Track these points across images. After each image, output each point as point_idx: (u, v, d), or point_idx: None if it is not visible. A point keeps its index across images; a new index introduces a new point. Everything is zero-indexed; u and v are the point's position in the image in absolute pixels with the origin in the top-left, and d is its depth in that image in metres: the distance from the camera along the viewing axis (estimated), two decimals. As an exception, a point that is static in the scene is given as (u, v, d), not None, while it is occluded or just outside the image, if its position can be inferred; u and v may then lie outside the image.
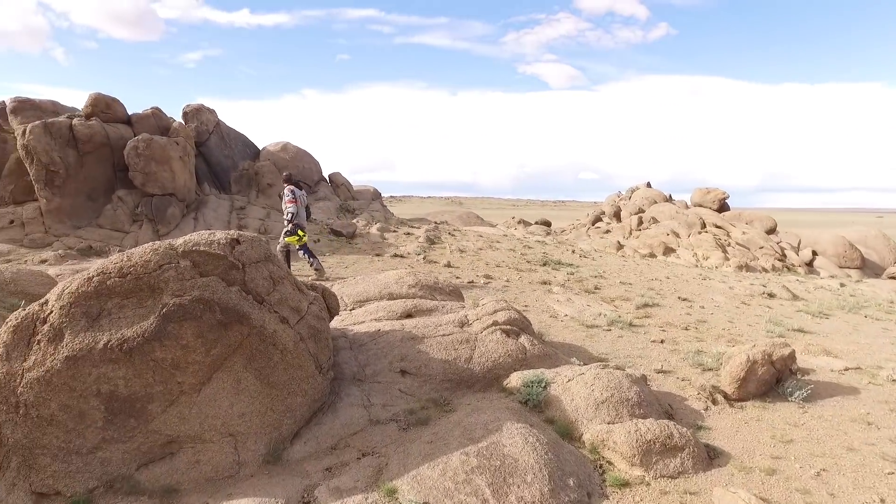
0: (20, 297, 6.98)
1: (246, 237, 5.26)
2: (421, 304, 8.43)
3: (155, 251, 4.59)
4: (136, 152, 17.51)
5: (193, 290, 4.56)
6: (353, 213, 28.25)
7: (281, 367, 5.09)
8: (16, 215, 16.11)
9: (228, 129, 28.33)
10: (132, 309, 4.41)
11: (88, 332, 4.27)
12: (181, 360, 4.49)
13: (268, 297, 5.16)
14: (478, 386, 6.70)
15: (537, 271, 18.30)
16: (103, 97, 18.47)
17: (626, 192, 47.52)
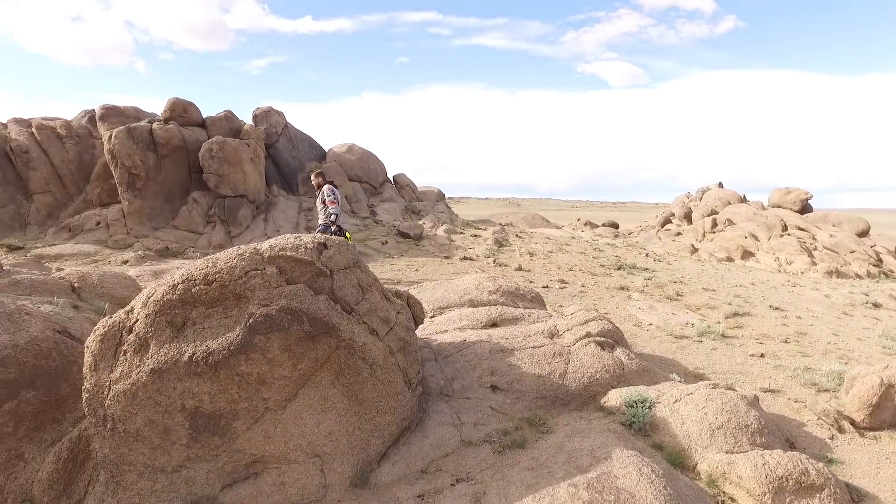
0: (106, 300, 6.92)
1: (333, 241, 4.92)
2: (506, 312, 7.94)
3: (240, 257, 4.29)
4: (210, 154, 17.77)
5: (280, 298, 4.24)
6: (418, 214, 28.07)
7: (370, 382, 4.71)
8: (102, 217, 16.62)
9: (296, 131, 28.69)
10: (217, 319, 4.12)
11: (173, 342, 4.00)
12: (267, 375, 4.17)
13: (357, 307, 4.80)
14: (573, 404, 6.16)
15: (612, 276, 17.52)
16: (181, 101, 18.89)
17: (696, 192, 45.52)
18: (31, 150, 17.51)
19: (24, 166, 17.49)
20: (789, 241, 27.12)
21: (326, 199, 11.26)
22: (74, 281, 6.93)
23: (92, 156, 18.58)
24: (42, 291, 6.63)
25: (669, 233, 38.23)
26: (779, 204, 34.15)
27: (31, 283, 6.58)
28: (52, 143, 18.17)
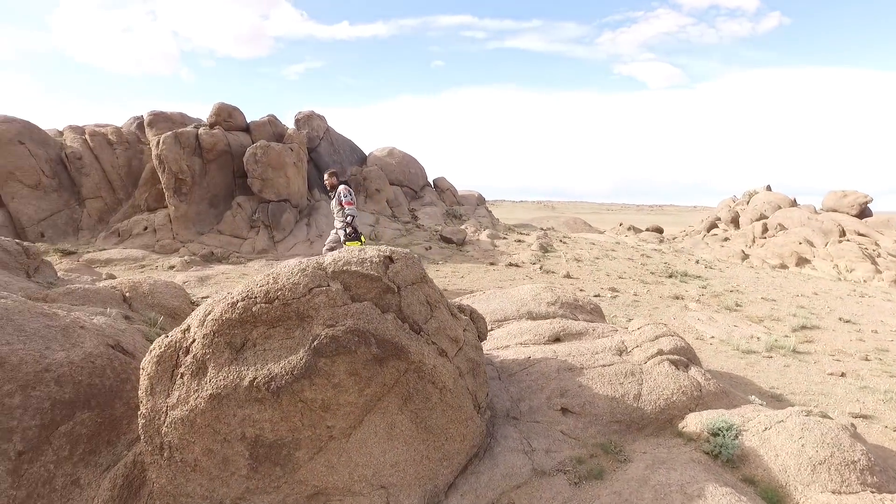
0: (156, 311, 6.75)
1: (399, 254, 4.58)
2: (569, 326, 7.50)
3: (303, 272, 3.98)
4: (255, 159, 17.76)
5: (346, 318, 3.91)
6: (459, 218, 27.72)
7: (439, 408, 4.35)
8: (149, 222, 16.75)
9: (337, 135, 28.67)
10: (279, 340, 3.82)
11: (232, 365, 3.71)
12: (332, 402, 3.85)
13: (425, 326, 4.45)
14: (649, 429, 5.69)
15: (665, 284, 16.85)
16: (226, 106, 18.96)
17: (743, 196, 43.98)
18: (84, 157, 17.79)
19: (77, 172, 17.76)
20: (849, 248, 25.86)
21: (343, 199, 10.61)
22: (126, 290, 6.78)
23: (140, 161, 18.79)
24: (95, 301, 6.48)
25: (716, 238, 37.02)
26: (834, 208, 32.70)
27: (85, 292, 6.43)
28: (104, 149, 18.43)
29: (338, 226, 11.14)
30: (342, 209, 10.82)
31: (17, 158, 16.78)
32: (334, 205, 10.77)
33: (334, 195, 11.02)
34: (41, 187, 16.89)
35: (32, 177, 16.90)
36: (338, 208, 10.84)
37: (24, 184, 16.81)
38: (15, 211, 16.59)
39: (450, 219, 27.33)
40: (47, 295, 6.22)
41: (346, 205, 10.50)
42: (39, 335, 4.30)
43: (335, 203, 10.82)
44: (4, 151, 16.68)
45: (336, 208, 10.84)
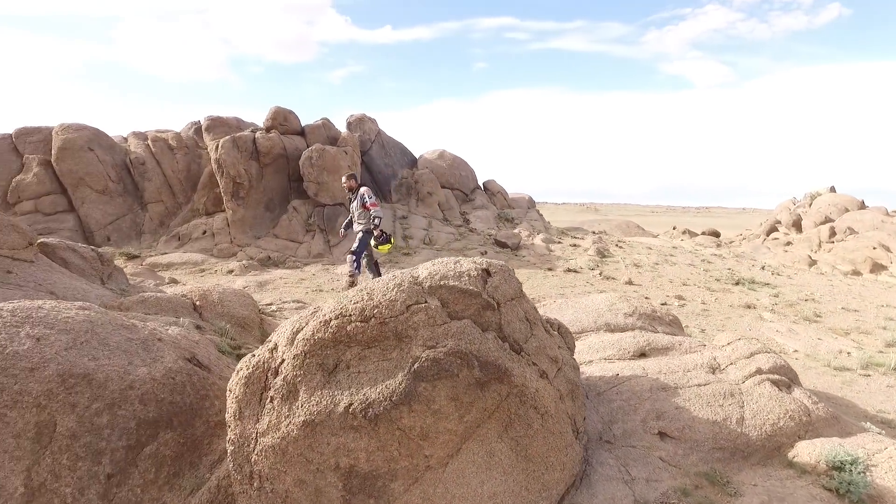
0: (226, 320, 6.58)
1: (496, 266, 4.23)
2: (654, 340, 7.02)
3: (399, 288, 3.67)
4: (310, 162, 17.74)
5: (447, 338, 3.58)
6: (511, 222, 27.28)
7: (540, 435, 3.98)
8: (208, 226, 16.91)
9: (388, 138, 28.59)
10: (374, 362, 3.51)
11: (325, 389, 3.42)
12: (431, 429, 3.52)
13: (525, 346, 4.09)
14: (755, 457, 5.18)
15: (732, 292, 16.03)
16: (282, 110, 19.03)
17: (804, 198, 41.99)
18: (147, 162, 18.12)
19: (140, 177, 18.10)
20: (929, 254, 24.27)
21: (368, 200, 10.08)
22: (196, 299, 6.63)
23: (199, 166, 19.03)
24: (167, 310, 6.35)
25: (778, 242, 35.43)
26: (909, 210, 30.85)
27: (157, 301, 6.31)
28: (165, 154, 18.74)
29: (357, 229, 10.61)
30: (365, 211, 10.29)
31: (87, 164, 17.20)
32: (356, 206, 10.32)
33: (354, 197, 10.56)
34: (108, 192, 17.27)
35: (100, 182, 17.29)
36: (360, 210, 10.34)
37: (93, 189, 17.21)
38: (84, 215, 17.01)
39: (502, 222, 26.90)
40: (122, 303, 6.12)
41: (371, 206, 10.01)
42: (122, 349, 4.12)
43: (357, 205, 10.34)
44: (76, 158, 17.11)
45: (358, 210, 10.35)
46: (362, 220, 10.11)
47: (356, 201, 10.22)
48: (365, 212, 10.08)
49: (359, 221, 10.09)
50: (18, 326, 3.65)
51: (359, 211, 10.14)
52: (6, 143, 17.56)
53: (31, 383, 3.30)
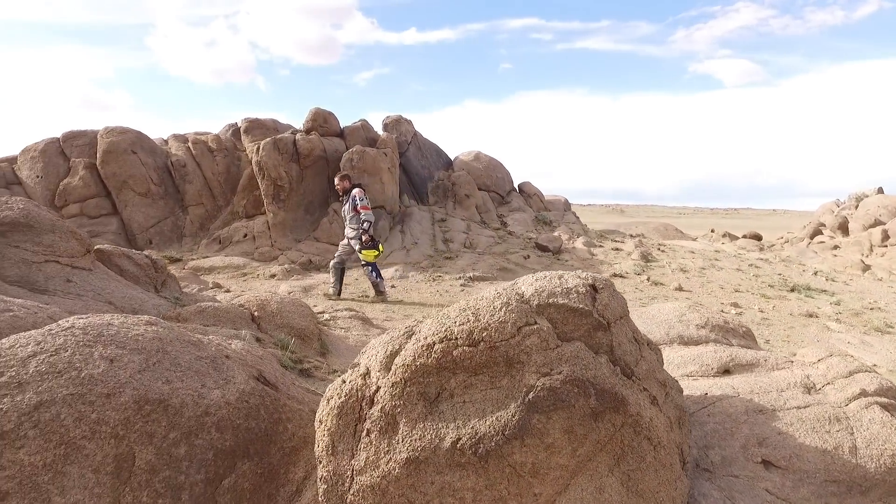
0: (285, 331, 6.27)
1: (601, 281, 3.81)
2: (737, 355, 6.51)
3: (507, 307, 3.28)
4: (351, 164, 17.49)
5: (561, 364, 3.18)
6: (549, 225, 26.73)
7: (652, 468, 3.54)
8: (248, 229, 16.77)
9: (424, 140, 28.29)
10: (481, 390, 3.13)
11: (428, 422, 3.05)
12: (542, 465, 3.12)
13: (636, 369, 3.66)
14: (875, 493, 4.64)
15: (789, 299, 15.30)
16: (321, 111, 18.84)
17: (849, 199, 40.45)
18: (188, 164, 18.07)
19: (181, 179, 18.06)
20: None
21: (359, 203, 9.31)
22: (254, 309, 6.34)
23: (238, 168, 18.94)
24: (225, 321, 6.06)
25: (824, 246, 34.16)
26: (967, 213, 29.46)
27: (215, 311, 6.02)
28: (205, 156, 18.69)
29: (350, 234, 9.79)
30: (356, 215, 9.56)
31: (130, 167, 17.22)
32: (347, 210, 9.62)
33: (346, 199, 9.84)
34: (150, 195, 17.26)
35: (143, 185, 17.29)
36: (351, 214, 9.63)
37: (136, 192, 17.22)
38: (127, 218, 17.02)
39: (540, 225, 26.37)
40: (179, 314, 5.85)
41: (361, 209, 9.29)
42: (193, 369, 3.80)
43: (348, 208, 9.64)
44: (120, 161, 17.14)
45: (349, 214, 9.65)
46: (353, 225, 9.39)
47: (348, 203, 9.50)
48: (356, 215, 9.36)
49: (350, 226, 9.40)
50: (91, 346, 3.35)
51: (350, 214, 9.44)
52: (54, 146, 17.68)
53: (108, 411, 2.98)
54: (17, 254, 5.57)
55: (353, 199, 9.31)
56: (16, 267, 5.50)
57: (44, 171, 17.08)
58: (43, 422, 2.78)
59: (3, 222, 5.65)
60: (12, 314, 4.43)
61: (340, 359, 6.56)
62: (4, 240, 5.62)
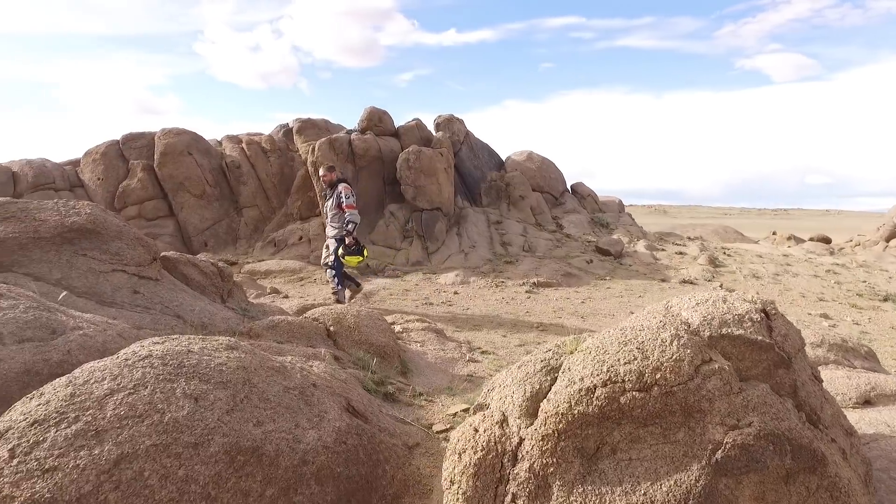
0: (363, 348, 5.73)
1: (770, 304, 3.11)
2: (877, 383, 5.67)
3: (678, 341, 2.62)
4: (408, 165, 17.01)
5: (748, 413, 2.52)
6: (606, 227, 25.76)
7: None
8: (304, 231, 16.46)
9: (476, 140, 27.66)
10: (651, 445, 2.48)
11: (587, 485, 2.43)
12: (725, 541, 2.44)
13: (821, 415, 2.95)
14: None
15: (884, 310, 14.06)
16: (376, 111, 18.42)
17: (924, 200, 37.86)
18: (242, 166, 17.90)
19: (236, 181, 17.91)
20: None
21: (344, 201, 8.31)
22: (329, 324, 5.82)
23: (291, 169, 18.69)
24: (299, 337, 5.56)
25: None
26: None
27: (289, 326, 5.52)
28: (259, 157, 18.50)
29: (331, 234, 8.67)
30: (340, 213, 8.49)
31: (186, 169, 17.14)
32: (330, 207, 8.62)
33: (331, 195, 8.77)
34: (205, 197, 17.14)
35: (198, 187, 17.19)
36: (334, 212, 8.63)
37: (192, 193, 17.13)
38: (183, 221, 16.94)
39: (597, 227, 25.41)
40: (252, 329, 5.38)
41: (346, 208, 8.23)
42: (283, 405, 3.27)
43: (332, 205, 8.63)
44: (177, 162, 17.09)
45: (332, 212, 8.65)
46: (335, 224, 8.44)
47: (332, 199, 8.56)
48: (340, 213, 8.41)
49: (332, 224, 8.45)
50: (172, 381, 2.84)
51: (333, 212, 8.49)
52: (114, 149, 17.75)
53: (196, 465, 2.46)
54: (84, 263, 5.19)
55: (337, 196, 8.38)
56: (83, 277, 5.12)
57: (104, 173, 17.15)
58: (125, 482, 2.26)
59: (72, 228, 5.28)
60: (82, 332, 4.00)
61: (422, 378, 5.98)
62: (72, 247, 5.25)
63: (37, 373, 3.59)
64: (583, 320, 10.77)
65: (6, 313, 3.81)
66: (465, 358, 7.18)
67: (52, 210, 5.41)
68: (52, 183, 16.85)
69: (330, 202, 8.43)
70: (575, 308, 11.96)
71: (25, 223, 5.17)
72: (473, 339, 8.58)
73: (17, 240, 5.03)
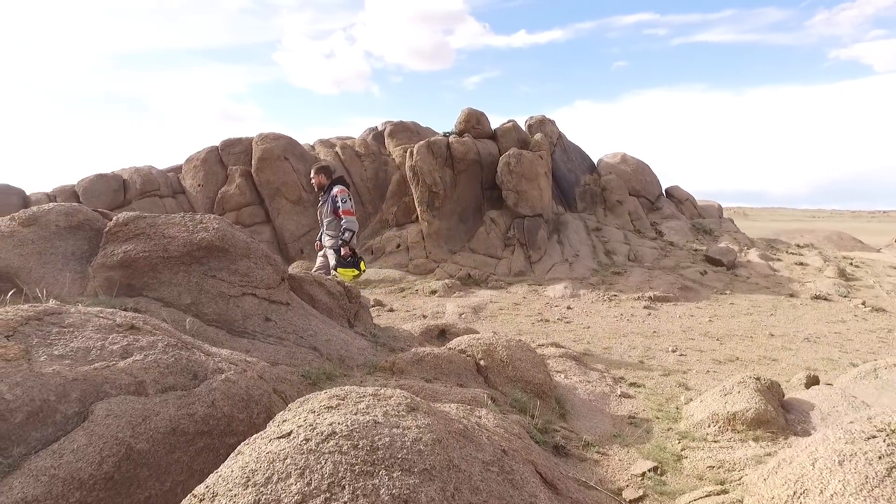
0: (520, 387, 4.93)
1: None
2: None
3: None
4: (509, 168, 16.18)
5: None
6: (710, 234, 23.96)
7: None
8: (401, 239, 15.95)
9: (568, 142, 26.52)
10: None
11: None
12: None
13: None
14: None
15: None
16: (474, 112, 17.69)
17: None
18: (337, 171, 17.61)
19: (332, 186, 17.64)
20: None
21: (341, 206, 7.35)
22: (479, 357, 5.05)
23: (385, 173, 18.26)
24: (447, 372, 4.81)
25: None
26: None
27: (435, 360, 4.79)
28: (353, 161, 18.18)
29: (327, 243, 7.83)
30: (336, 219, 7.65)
31: (283, 174, 17.02)
32: (326, 213, 7.76)
33: (324, 201, 7.95)
34: (301, 202, 16.94)
35: (294, 192, 17.02)
36: (329, 218, 7.77)
37: (288, 199, 16.97)
38: (279, 227, 16.82)
39: (700, 234, 23.68)
40: (395, 363, 4.69)
41: (343, 214, 7.37)
42: (494, 494, 2.50)
43: (327, 210, 7.75)
44: (273, 168, 17.00)
45: (327, 218, 7.79)
46: (331, 232, 7.63)
47: (327, 205, 7.75)
48: (336, 220, 7.59)
49: (327, 232, 7.66)
50: (371, 474, 2.11)
51: (328, 218, 7.70)
52: (213, 155, 17.88)
53: None
54: (214, 286, 4.65)
55: (332, 200, 7.49)
56: (213, 302, 4.58)
57: (204, 179, 17.28)
58: None
59: (201, 246, 4.76)
60: (224, 378, 3.40)
61: (583, 422, 5.12)
62: (201, 268, 4.72)
63: (182, 432, 2.99)
64: (719, 343, 9.57)
65: (147, 355, 3.25)
66: (617, 392, 6.27)
67: (180, 225, 4.92)
68: (158, 190, 17.11)
69: (325, 207, 7.67)
70: (704, 328, 10.75)
71: (155, 241, 4.69)
72: (611, 366, 7.66)
73: (148, 260, 4.55)
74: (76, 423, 2.75)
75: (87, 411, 2.80)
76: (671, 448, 4.61)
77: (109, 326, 3.54)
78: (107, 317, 3.67)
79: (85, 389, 2.87)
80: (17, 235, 4.50)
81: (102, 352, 3.21)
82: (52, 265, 4.58)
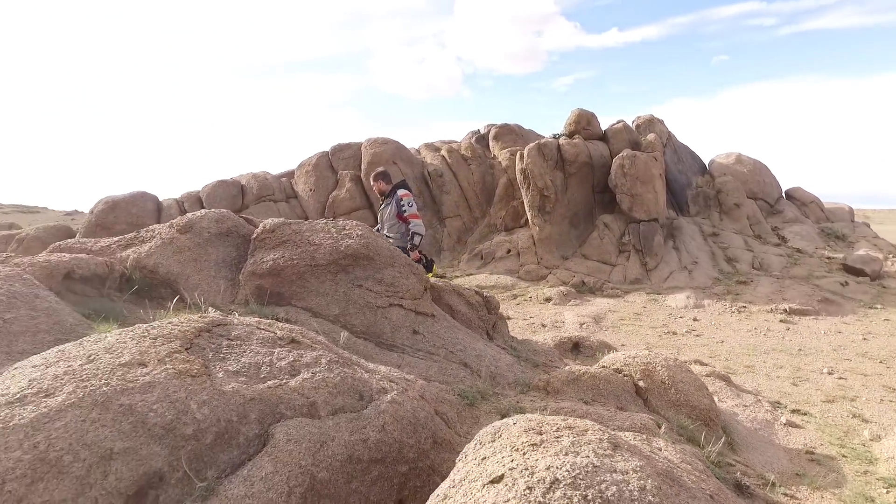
0: (684, 413, 4.45)
1: None
2: None
3: None
4: (622, 171, 15.46)
5: None
6: (843, 239, 21.87)
7: None
8: (512, 244, 15.62)
9: (678, 142, 25.17)
10: None
11: None
12: None
13: None
14: None
15: None
16: (585, 113, 17.08)
17: None
18: (444, 174, 17.55)
19: (438, 190, 17.59)
20: None
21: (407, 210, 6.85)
22: (638, 377, 4.61)
23: (492, 177, 17.98)
24: (605, 394, 4.41)
25: None
26: None
27: (592, 381, 4.40)
28: (460, 165, 18.04)
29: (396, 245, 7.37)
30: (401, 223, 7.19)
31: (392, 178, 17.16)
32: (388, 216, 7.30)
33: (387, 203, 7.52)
34: (410, 207, 17.01)
35: (403, 196, 17.11)
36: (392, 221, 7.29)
37: (398, 204, 17.09)
38: (390, 231, 16.98)
39: (830, 240, 21.67)
40: (549, 383, 4.35)
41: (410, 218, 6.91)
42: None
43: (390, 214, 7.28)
44: (384, 172, 17.18)
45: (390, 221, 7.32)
46: (393, 234, 7.21)
47: (390, 208, 7.35)
48: (400, 223, 7.14)
49: (388, 235, 7.25)
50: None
51: (391, 222, 7.28)
52: (324, 160, 18.31)
53: None
54: (361, 296, 4.51)
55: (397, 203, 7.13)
56: (361, 313, 4.44)
57: (316, 184, 17.72)
58: None
59: (346, 254, 4.64)
60: (390, 399, 3.18)
61: (755, 454, 4.56)
62: (347, 276, 4.60)
63: (358, 459, 2.80)
64: (885, 366, 8.50)
65: (315, 372, 3.09)
66: (780, 420, 5.61)
67: (324, 232, 4.84)
68: (272, 195, 17.73)
69: (388, 210, 7.45)
70: (860, 347, 9.62)
71: (301, 248, 4.63)
72: (761, 388, 6.94)
73: (296, 268, 4.48)
74: (257, 447, 2.61)
75: (267, 434, 2.66)
76: (881, 500, 3.97)
77: (272, 340, 3.43)
78: (266, 328, 3.57)
79: (262, 410, 2.74)
80: (176, 242, 4.56)
81: (272, 368, 3.08)
82: (206, 272, 4.61)
